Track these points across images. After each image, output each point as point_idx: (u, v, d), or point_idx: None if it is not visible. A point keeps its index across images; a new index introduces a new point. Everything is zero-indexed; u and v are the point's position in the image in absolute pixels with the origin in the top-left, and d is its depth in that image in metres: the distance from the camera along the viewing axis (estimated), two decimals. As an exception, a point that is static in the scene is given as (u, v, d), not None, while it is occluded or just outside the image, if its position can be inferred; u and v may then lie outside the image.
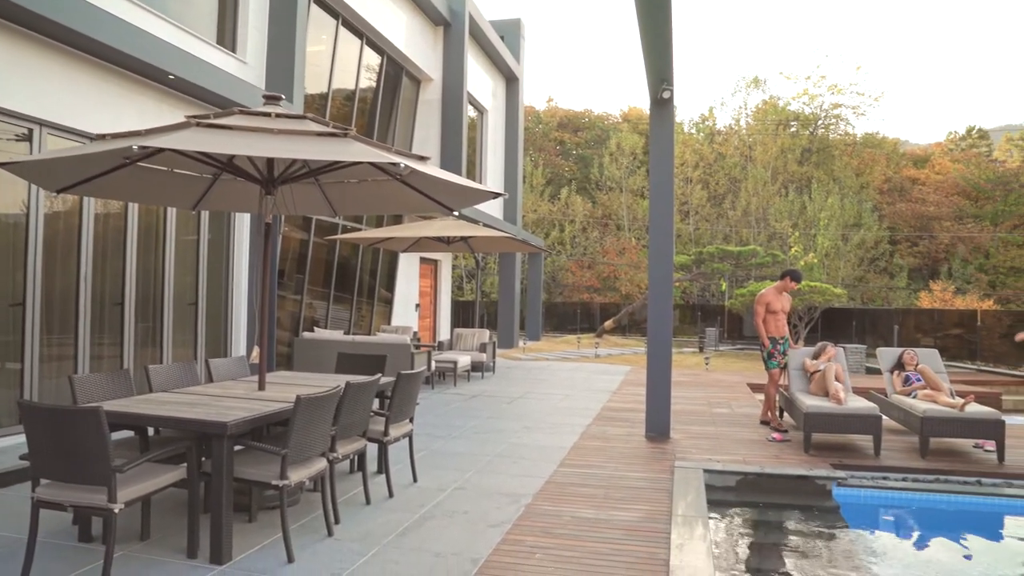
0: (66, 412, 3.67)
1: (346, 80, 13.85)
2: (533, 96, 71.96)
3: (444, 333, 19.38)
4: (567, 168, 49.40)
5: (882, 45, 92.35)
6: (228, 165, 5.03)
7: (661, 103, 7.94)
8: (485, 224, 16.13)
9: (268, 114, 4.54)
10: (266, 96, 4.97)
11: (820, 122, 45.15)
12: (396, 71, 15.90)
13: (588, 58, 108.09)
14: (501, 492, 5.61)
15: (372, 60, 14.78)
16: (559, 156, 50.87)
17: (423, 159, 4.72)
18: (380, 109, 15.20)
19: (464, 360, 12.68)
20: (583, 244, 41.75)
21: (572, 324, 34.06)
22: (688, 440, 7.78)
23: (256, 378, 5.56)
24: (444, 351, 13.56)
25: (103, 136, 4.35)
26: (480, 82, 20.29)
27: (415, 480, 5.87)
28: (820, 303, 23.66)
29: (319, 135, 4.30)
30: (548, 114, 54.02)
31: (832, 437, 7.73)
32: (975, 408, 7.03)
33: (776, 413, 8.69)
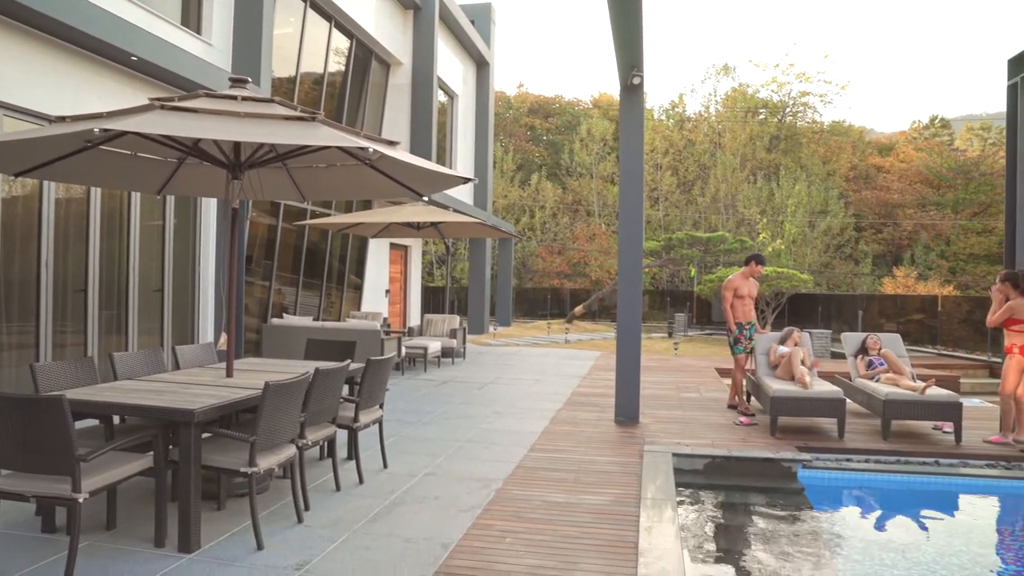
0: (28, 401, 3.60)
1: (314, 64, 13.66)
2: (504, 81, 71.72)
3: (414, 319, 19.32)
4: (537, 154, 49.38)
5: (849, 34, 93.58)
6: (194, 149, 4.95)
7: (631, 89, 7.98)
8: (455, 210, 16.08)
9: (234, 97, 4.46)
10: (232, 79, 4.88)
11: (788, 110, 45.67)
12: (365, 55, 15.72)
13: (559, 44, 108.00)
14: (471, 477, 5.64)
15: (341, 43, 14.59)
16: (529, 142, 50.81)
17: (392, 144, 4.69)
18: (349, 93, 15.03)
19: (434, 346, 12.67)
20: (553, 230, 41.85)
21: (542, 310, 34.20)
22: (657, 424, 7.87)
23: (224, 365, 5.49)
24: (414, 337, 13.52)
25: (63, 118, 4.25)
26: (450, 67, 20.14)
27: (385, 466, 5.87)
28: (787, 289, 24.01)
29: (286, 119, 4.24)
30: (519, 99, 53.85)
31: (798, 420, 7.88)
32: (935, 391, 7.22)
33: (743, 397, 8.83)
